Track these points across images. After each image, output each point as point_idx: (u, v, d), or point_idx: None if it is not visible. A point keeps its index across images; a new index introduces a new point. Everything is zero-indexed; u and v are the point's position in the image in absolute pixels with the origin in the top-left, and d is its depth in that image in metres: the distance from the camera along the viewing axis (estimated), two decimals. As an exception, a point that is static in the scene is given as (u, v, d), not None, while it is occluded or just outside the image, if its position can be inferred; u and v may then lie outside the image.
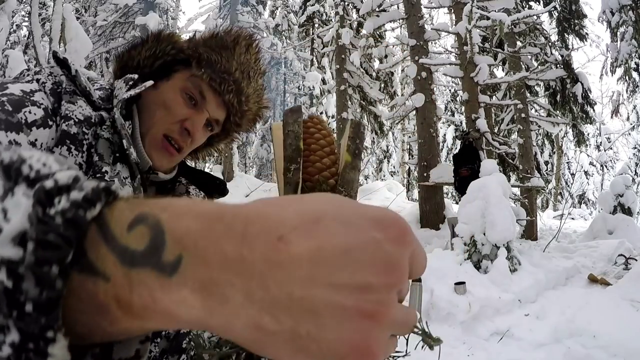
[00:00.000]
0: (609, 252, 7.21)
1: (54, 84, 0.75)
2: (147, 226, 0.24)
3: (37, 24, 8.18)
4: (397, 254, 0.26)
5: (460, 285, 5.12)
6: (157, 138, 0.84)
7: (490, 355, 4.12)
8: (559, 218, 13.02)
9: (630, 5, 9.80)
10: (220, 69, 0.86)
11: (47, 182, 0.25)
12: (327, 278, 0.24)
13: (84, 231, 0.24)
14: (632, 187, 11.63)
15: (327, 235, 0.24)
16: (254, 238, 0.24)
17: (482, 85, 8.83)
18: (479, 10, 8.56)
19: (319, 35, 16.17)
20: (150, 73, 0.87)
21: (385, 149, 23.56)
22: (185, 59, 0.88)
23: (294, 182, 0.40)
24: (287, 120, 0.43)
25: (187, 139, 0.86)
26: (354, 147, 0.44)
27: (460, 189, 7.96)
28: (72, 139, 0.72)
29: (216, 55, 0.87)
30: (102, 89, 0.83)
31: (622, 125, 23.58)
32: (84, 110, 0.75)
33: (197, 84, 0.85)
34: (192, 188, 0.96)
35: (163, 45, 0.88)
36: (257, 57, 0.93)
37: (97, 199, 0.25)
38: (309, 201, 0.27)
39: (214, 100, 0.87)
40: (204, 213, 0.25)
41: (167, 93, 0.85)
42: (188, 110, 0.85)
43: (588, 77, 10.54)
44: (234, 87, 0.87)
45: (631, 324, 4.02)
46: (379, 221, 0.26)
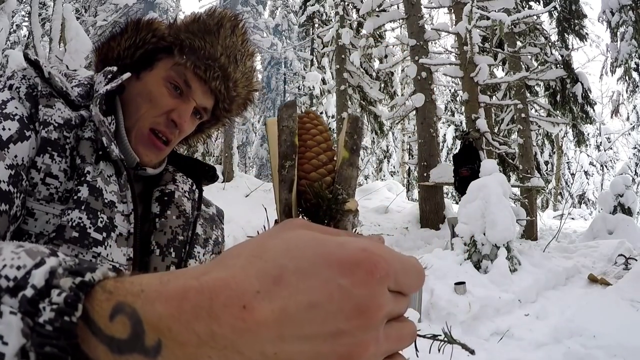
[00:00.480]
0: (609, 252, 7.21)
1: (28, 87, 0.71)
2: (125, 315, 0.27)
3: (37, 24, 8.19)
4: (367, 296, 0.26)
5: (460, 285, 5.12)
6: (143, 133, 0.80)
7: (490, 355, 4.12)
8: (559, 218, 13.02)
9: (630, 5, 9.81)
10: (205, 55, 0.82)
11: (27, 291, 0.27)
12: (297, 332, 0.25)
13: (75, 335, 0.27)
14: (632, 187, 11.63)
15: (289, 293, 0.26)
16: (220, 312, 0.25)
17: (482, 85, 8.83)
18: (479, 10, 8.56)
19: (319, 35, 16.17)
20: (131, 64, 0.83)
21: (385, 149, 23.56)
22: (167, 46, 0.83)
23: (288, 180, 0.39)
24: (282, 115, 0.42)
25: (175, 131, 0.82)
26: (351, 143, 0.42)
27: (460, 189, 7.96)
28: (53, 145, 0.68)
29: (199, 40, 0.82)
30: (81, 84, 0.79)
31: (622, 125, 23.59)
32: (62, 112, 0.71)
33: (182, 73, 0.81)
34: (180, 175, 0.92)
35: (143, 34, 0.84)
36: (243, 39, 0.88)
37: (77, 300, 0.27)
38: (270, 257, 0.27)
39: (200, 88, 0.83)
40: (172, 295, 0.27)
41: (150, 84, 0.82)
42: (173, 101, 0.81)
43: (588, 77, 10.54)
44: (220, 73, 0.83)
45: (631, 324, 4.02)
46: (344, 265, 0.27)
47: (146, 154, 0.81)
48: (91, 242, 0.67)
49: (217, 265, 0.28)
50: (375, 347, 0.27)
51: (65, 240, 0.65)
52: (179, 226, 0.84)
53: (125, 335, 0.26)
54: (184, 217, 0.86)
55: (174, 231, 0.83)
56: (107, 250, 0.69)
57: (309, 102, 16.59)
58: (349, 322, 0.26)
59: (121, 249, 0.72)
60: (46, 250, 0.31)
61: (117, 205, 0.72)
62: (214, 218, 0.97)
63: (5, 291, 0.28)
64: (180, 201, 0.87)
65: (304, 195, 0.40)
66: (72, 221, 0.66)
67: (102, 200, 0.70)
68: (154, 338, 0.26)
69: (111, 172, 0.74)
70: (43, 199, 0.66)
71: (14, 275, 0.28)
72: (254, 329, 0.25)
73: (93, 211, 0.68)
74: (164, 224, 0.82)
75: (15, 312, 0.27)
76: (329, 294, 0.26)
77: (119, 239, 0.72)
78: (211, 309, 0.26)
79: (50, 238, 0.65)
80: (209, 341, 0.25)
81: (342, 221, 0.40)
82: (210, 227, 0.93)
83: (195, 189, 0.93)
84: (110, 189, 0.72)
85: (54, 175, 0.68)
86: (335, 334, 0.26)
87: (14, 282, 0.28)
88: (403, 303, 0.31)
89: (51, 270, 0.29)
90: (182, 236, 0.84)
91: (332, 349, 0.26)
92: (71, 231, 0.65)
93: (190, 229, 0.86)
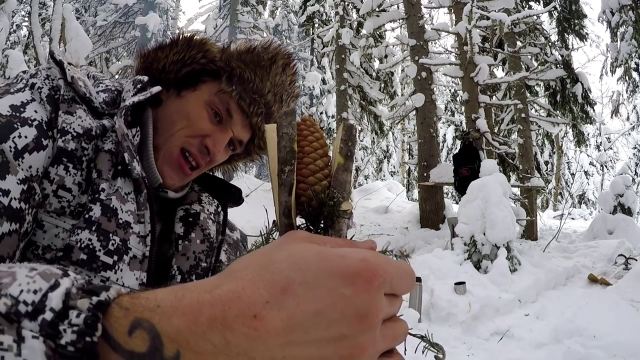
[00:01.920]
0: (609, 252, 7.21)
1: (51, 89, 0.67)
2: (144, 330, 0.28)
3: (37, 24, 8.19)
4: (366, 302, 0.29)
5: (460, 285, 5.12)
6: (173, 152, 0.76)
7: (490, 355, 4.12)
8: (559, 218, 13.03)
9: (630, 5, 9.80)
10: (252, 89, 0.79)
11: (46, 315, 0.29)
12: (303, 337, 0.28)
13: (97, 353, 0.28)
14: (632, 187, 11.63)
15: (296, 303, 0.28)
16: (233, 322, 0.28)
17: (482, 85, 8.83)
18: (479, 10, 8.56)
19: (319, 35, 16.17)
20: (174, 79, 0.80)
21: (385, 149, 23.55)
22: (215, 70, 0.80)
23: (288, 183, 0.42)
24: (282, 122, 0.44)
25: (206, 158, 0.78)
26: (346, 150, 0.45)
27: (460, 189, 7.96)
28: (69, 156, 0.64)
29: (250, 72, 0.79)
30: (108, 90, 0.75)
31: (622, 125, 23.59)
32: (83, 121, 0.67)
33: (225, 101, 0.78)
34: (205, 196, 0.88)
35: (194, 52, 0.80)
36: (292, 79, 0.86)
37: (96, 320, 0.29)
38: (277, 269, 0.30)
39: (241, 120, 0.80)
40: (188, 309, 0.29)
41: (191, 104, 0.78)
42: (211, 127, 0.78)
43: (588, 77, 10.54)
44: (264, 110, 0.80)
45: (631, 324, 4.02)
46: (345, 276, 0.29)
47: (171, 176, 0.77)
48: (100, 265, 0.64)
49: (228, 277, 0.31)
50: (373, 347, 0.30)
51: (72, 262, 0.62)
52: (203, 252, 0.80)
53: (145, 349, 0.28)
54: (208, 242, 0.82)
55: (197, 257, 0.79)
56: (117, 275, 0.65)
57: (309, 102, 16.59)
58: (351, 327, 0.29)
59: (134, 272, 0.68)
60: (59, 272, 0.32)
61: (132, 225, 0.68)
62: (238, 244, 0.93)
63: (24, 316, 0.28)
64: (206, 224, 0.83)
65: (302, 197, 0.43)
66: (81, 242, 0.62)
67: (115, 221, 0.66)
68: (173, 350, 0.28)
69: (129, 189, 0.70)
70: (54, 211, 0.63)
71: (32, 299, 0.29)
72: (265, 336, 0.27)
73: (104, 233, 0.65)
74: (188, 247, 0.78)
75: (37, 336, 0.28)
76: (333, 302, 0.29)
77: (133, 261, 0.68)
78: (225, 320, 0.28)
79: (57, 257, 0.62)
80: (224, 349, 0.28)
81: (339, 222, 0.43)
82: (234, 253, 0.90)
83: (220, 211, 0.88)
84: (126, 208, 0.68)
85: (67, 188, 0.64)
86: (338, 338, 0.29)
87: (32, 306, 0.29)
88: (397, 304, 0.34)
89: (66, 291, 0.30)
90: (205, 262, 0.80)
91: (335, 352, 0.29)
92: (79, 253, 0.62)
93: (214, 254, 0.83)
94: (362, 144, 20.91)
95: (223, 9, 16.51)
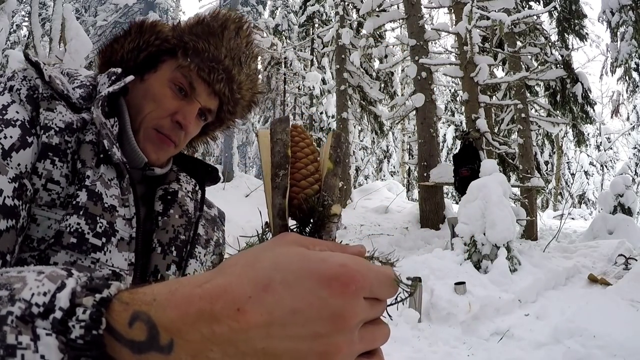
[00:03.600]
0: (609, 252, 7.21)
1: (29, 89, 0.69)
2: (142, 322, 0.32)
3: (37, 24, 8.19)
4: (342, 305, 0.32)
5: (460, 285, 5.12)
6: (149, 133, 0.80)
7: (490, 355, 4.12)
8: (559, 218, 13.03)
9: (630, 5, 9.80)
10: (209, 57, 0.81)
11: (56, 314, 0.33)
12: (281, 332, 0.31)
13: (104, 344, 0.33)
14: (632, 187, 11.63)
15: (275, 300, 0.31)
16: (219, 314, 0.31)
17: (482, 85, 8.83)
18: (479, 10, 8.56)
19: (319, 35, 16.17)
20: (135, 66, 0.83)
21: (385, 149, 23.56)
22: (171, 49, 0.83)
23: (282, 187, 0.44)
24: (276, 129, 0.46)
25: (180, 132, 0.82)
26: (335, 156, 0.48)
27: (460, 189, 7.97)
28: (54, 150, 0.67)
29: (203, 42, 0.82)
30: (83, 86, 0.79)
31: (622, 125, 23.59)
32: (64, 116, 0.70)
33: (186, 74, 0.81)
34: (183, 175, 0.92)
35: (146, 36, 0.83)
36: (248, 41, 0.88)
37: (100, 315, 0.33)
38: (261, 267, 0.33)
39: (205, 90, 0.83)
40: (180, 302, 0.32)
41: (154, 86, 0.81)
42: (178, 102, 0.81)
43: (588, 77, 10.54)
44: (225, 75, 0.83)
45: (631, 324, 4.02)
46: (323, 279, 0.32)
47: (154, 151, 0.81)
48: (89, 247, 0.66)
49: (218, 272, 0.34)
50: (348, 348, 0.32)
51: (63, 247, 0.64)
52: (181, 225, 0.84)
53: (143, 338, 0.32)
54: (186, 217, 0.85)
55: (176, 230, 0.82)
56: (106, 256, 0.68)
57: (309, 102, 16.59)
58: (326, 327, 0.31)
59: (122, 253, 0.71)
60: (64, 272, 0.36)
61: (118, 209, 0.72)
62: (216, 220, 0.97)
63: (37, 316, 0.33)
64: (184, 201, 0.86)
65: (294, 200, 0.45)
66: (70, 227, 0.65)
67: (101, 205, 0.69)
68: (167, 338, 0.32)
69: (112, 175, 0.73)
70: (45, 204, 0.66)
71: (43, 301, 0.33)
72: (246, 328, 0.30)
73: (92, 216, 0.67)
74: (167, 222, 0.82)
75: (50, 333, 0.32)
76: (310, 302, 0.31)
77: (120, 243, 0.71)
78: (212, 312, 0.31)
79: (49, 244, 0.64)
80: (211, 338, 0.31)
81: (328, 224, 0.45)
82: (212, 228, 0.93)
83: (198, 189, 0.93)
84: (110, 193, 0.71)
85: (56, 180, 0.67)
86: (314, 336, 0.31)
87: (44, 307, 0.33)
88: (379, 308, 0.36)
89: (72, 291, 0.34)
90: (184, 235, 0.83)
91: (311, 348, 0.31)
92: (69, 237, 0.65)
93: (192, 228, 0.86)
94: (362, 144, 20.92)
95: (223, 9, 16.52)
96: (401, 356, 4.01)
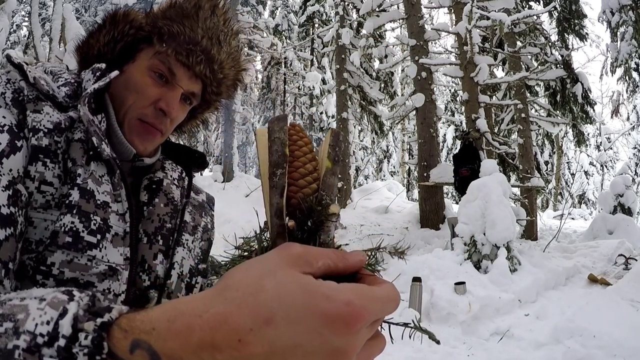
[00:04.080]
0: (609, 252, 7.21)
1: (14, 92, 0.68)
2: (143, 349, 0.33)
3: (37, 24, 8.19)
4: (344, 343, 0.32)
5: (460, 285, 5.12)
6: (134, 124, 0.79)
7: (490, 355, 4.12)
8: (559, 218, 13.02)
9: (630, 5, 9.80)
10: (185, 40, 0.79)
11: (60, 342, 0.34)
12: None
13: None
14: (632, 187, 11.63)
15: (276, 334, 0.31)
16: (220, 344, 0.31)
17: (482, 85, 8.83)
18: (479, 10, 8.56)
19: (319, 35, 16.17)
20: (113, 59, 0.81)
21: (385, 149, 23.56)
22: (146, 36, 0.81)
23: (280, 186, 0.44)
24: (273, 127, 0.46)
25: (165, 120, 0.80)
26: (334, 155, 0.47)
27: (460, 189, 7.96)
28: (45, 152, 0.67)
29: (178, 25, 0.80)
30: (68, 84, 0.77)
31: (622, 125, 23.58)
32: (51, 116, 0.69)
33: (164, 60, 0.79)
34: (169, 163, 0.90)
35: (120, 27, 0.81)
36: (225, 18, 0.85)
37: (101, 339, 0.34)
38: (263, 299, 0.32)
39: (185, 74, 0.81)
40: (180, 332, 0.33)
41: (134, 76, 0.80)
42: (159, 89, 0.79)
43: (588, 77, 10.53)
44: (204, 56, 0.81)
45: (631, 324, 4.02)
46: (327, 317, 0.31)
47: (141, 142, 0.80)
48: (85, 245, 0.67)
49: (218, 298, 0.34)
50: None
51: (59, 246, 0.64)
52: (167, 214, 0.83)
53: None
54: (172, 205, 0.85)
55: (162, 219, 0.82)
56: (102, 252, 0.68)
57: (309, 102, 16.59)
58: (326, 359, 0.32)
59: (117, 249, 0.71)
60: (65, 297, 0.37)
61: (111, 205, 0.71)
62: (204, 205, 0.96)
63: (42, 345, 0.34)
64: (169, 189, 0.86)
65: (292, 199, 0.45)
66: (65, 226, 0.65)
67: (94, 202, 0.69)
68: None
69: (103, 171, 0.72)
70: (40, 206, 0.66)
71: (46, 330, 0.35)
72: (247, 357, 0.31)
73: (85, 214, 0.67)
74: (152, 211, 0.81)
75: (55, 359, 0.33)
76: (311, 339, 0.31)
77: (115, 239, 0.71)
78: (213, 342, 0.32)
79: (46, 245, 0.64)
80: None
81: (327, 225, 0.45)
82: (199, 214, 0.92)
83: (184, 176, 0.92)
84: (102, 190, 0.71)
85: (49, 182, 0.67)
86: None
87: (48, 336, 0.34)
88: (377, 324, 0.36)
89: (74, 316, 0.35)
90: (170, 224, 0.83)
91: None
92: (64, 236, 0.65)
93: (179, 216, 0.85)
94: (362, 144, 20.91)
95: (223, 9, 16.51)
96: (401, 356, 4.01)
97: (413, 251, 8.26)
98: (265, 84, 19.78)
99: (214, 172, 13.19)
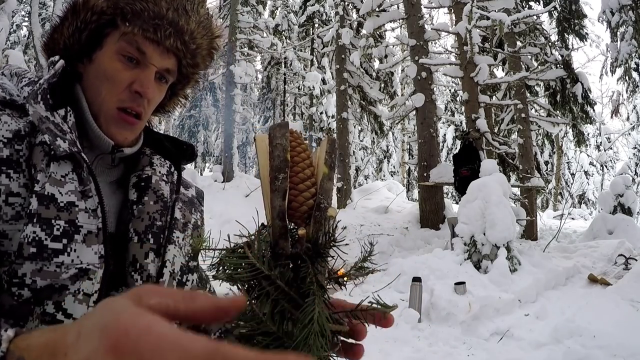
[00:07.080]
0: (609, 252, 7.21)
1: None
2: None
3: (37, 24, 8.19)
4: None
5: (460, 285, 5.12)
6: (111, 114, 0.77)
7: (490, 355, 4.12)
8: (559, 218, 13.03)
9: (630, 5, 9.80)
10: (150, 16, 0.76)
11: None
12: None
13: None
14: (632, 187, 11.63)
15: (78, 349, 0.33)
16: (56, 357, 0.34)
17: (482, 85, 8.83)
18: (479, 10, 8.56)
19: (319, 35, 16.18)
20: (80, 49, 0.79)
21: (385, 149, 23.56)
22: (110, 19, 0.77)
23: (282, 190, 0.46)
24: (275, 134, 0.48)
25: (142, 102, 0.78)
26: (330, 161, 0.50)
27: (460, 189, 7.97)
28: (7, 163, 0.65)
29: (140, 2, 0.76)
30: (31, 82, 0.75)
31: (622, 125, 23.59)
32: (9, 125, 0.67)
33: (132, 41, 0.76)
34: (157, 158, 0.88)
35: (82, 15, 0.78)
36: None
37: None
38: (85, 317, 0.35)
39: (156, 50, 0.78)
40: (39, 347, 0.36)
41: (104, 63, 0.77)
42: (131, 72, 0.77)
43: (588, 77, 10.54)
44: (172, 29, 0.78)
45: (631, 324, 4.02)
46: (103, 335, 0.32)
47: (120, 132, 0.78)
48: (51, 253, 0.65)
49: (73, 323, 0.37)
50: None
51: (25, 258, 0.63)
52: (157, 211, 0.81)
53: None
54: (162, 202, 0.83)
55: (152, 217, 0.80)
56: (71, 256, 0.67)
57: (309, 102, 16.60)
58: None
59: (92, 247, 0.69)
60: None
61: (77, 203, 0.69)
62: (193, 201, 0.94)
63: None
64: (158, 186, 0.84)
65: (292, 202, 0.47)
66: (28, 237, 0.64)
67: (55, 206, 0.67)
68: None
69: (67, 170, 0.70)
70: (11, 218, 0.64)
71: None
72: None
73: (46, 221, 0.65)
74: (142, 210, 0.79)
75: None
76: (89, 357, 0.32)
77: (88, 237, 0.69)
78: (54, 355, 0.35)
79: (15, 257, 0.63)
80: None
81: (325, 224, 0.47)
82: (189, 210, 0.90)
83: (173, 170, 0.89)
84: (65, 190, 0.68)
85: (15, 193, 0.65)
86: None
87: None
88: None
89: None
90: (160, 221, 0.81)
91: None
92: (29, 247, 0.63)
93: (169, 213, 0.84)
94: (362, 144, 20.92)
95: (223, 9, 16.50)
96: (401, 356, 4.01)
97: (413, 251, 8.26)
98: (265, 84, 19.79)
99: (214, 172, 13.20)
